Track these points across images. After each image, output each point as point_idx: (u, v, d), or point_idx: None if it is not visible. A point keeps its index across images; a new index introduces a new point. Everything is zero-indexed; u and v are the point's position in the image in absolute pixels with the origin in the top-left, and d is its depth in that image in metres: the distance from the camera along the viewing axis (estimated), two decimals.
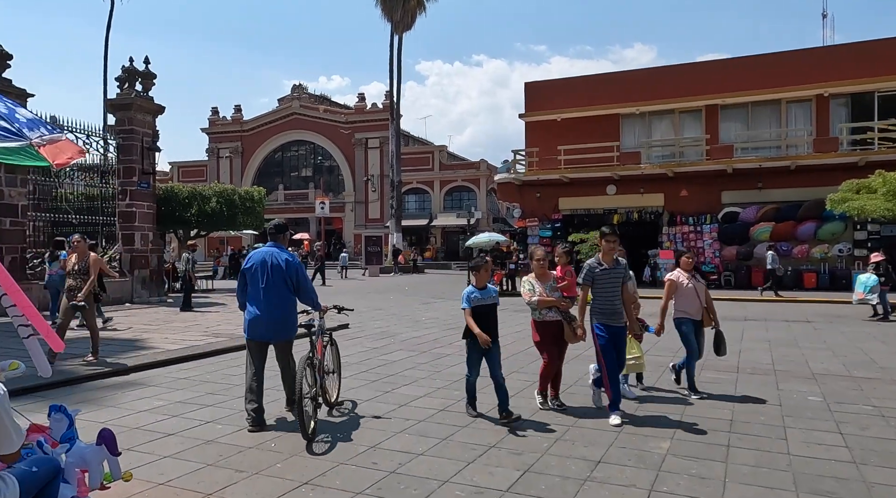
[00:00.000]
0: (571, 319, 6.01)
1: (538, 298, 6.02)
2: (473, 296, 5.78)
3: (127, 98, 16.90)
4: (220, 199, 22.65)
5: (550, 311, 6.05)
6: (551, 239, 25.91)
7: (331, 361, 6.33)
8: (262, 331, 5.64)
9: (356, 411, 6.21)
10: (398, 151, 41.27)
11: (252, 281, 5.64)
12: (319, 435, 5.29)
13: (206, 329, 11.44)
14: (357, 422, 5.80)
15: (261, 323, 5.60)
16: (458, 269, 43.50)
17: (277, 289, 5.57)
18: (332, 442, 5.17)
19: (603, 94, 25.72)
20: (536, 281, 6.14)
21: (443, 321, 13.67)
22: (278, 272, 5.57)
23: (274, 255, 5.64)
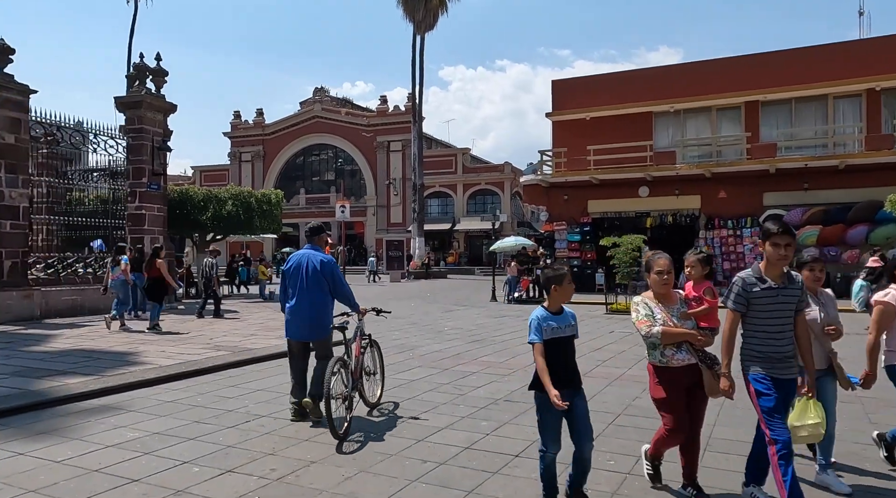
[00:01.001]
0: (713, 362, 3.89)
1: (661, 330, 3.82)
2: (547, 324, 3.85)
3: (136, 95, 16.18)
4: (237, 202, 21.93)
5: (680, 350, 3.87)
6: (580, 243, 24.75)
7: (371, 363, 6.39)
8: (298, 330, 5.88)
9: (396, 412, 6.25)
10: (420, 154, 40.35)
11: (290, 282, 5.85)
12: (353, 434, 5.41)
13: (210, 341, 10.52)
14: (394, 423, 5.87)
15: (297, 323, 5.84)
16: (482, 274, 42.39)
17: (313, 290, 5.76)
18: (363, 442, 5.25)
19: (634, 92, 24.45)
20: (656, 304, 3.96)
21: (466, 332, 12.60)
22: (314, 273, 5.76)
23: (310, 256, 5.83)
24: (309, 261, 5.81)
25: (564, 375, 3.80)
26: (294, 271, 5.85)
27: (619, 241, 17.48)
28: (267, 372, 8.20)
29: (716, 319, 4.07)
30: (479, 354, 9.76)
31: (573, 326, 3.97)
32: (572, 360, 3.91)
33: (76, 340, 10.38)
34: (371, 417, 6.09)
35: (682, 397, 3.91)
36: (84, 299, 14.69)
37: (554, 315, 3.89)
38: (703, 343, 3.91)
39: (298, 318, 5.80)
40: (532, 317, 3.90)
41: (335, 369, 5.36)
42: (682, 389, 3.90)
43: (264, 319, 14.20)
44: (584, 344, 10.88)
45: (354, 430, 5.53)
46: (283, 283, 5.99)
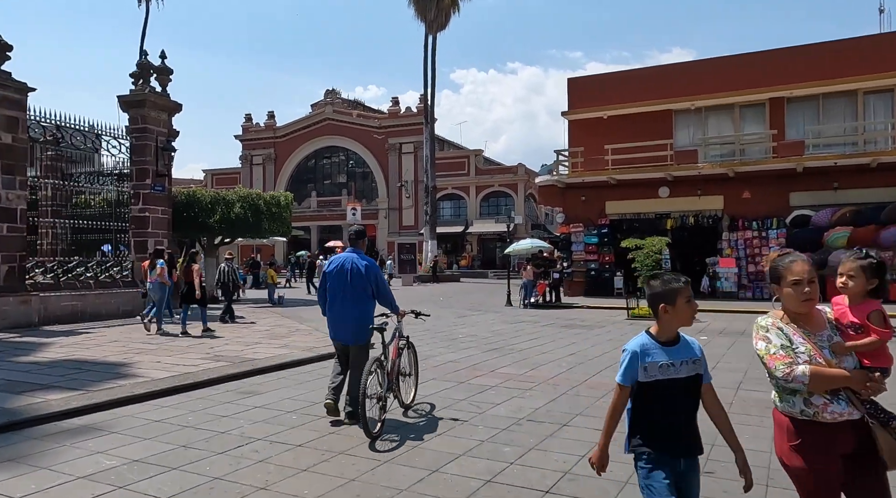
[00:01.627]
0: (890, 418, 2.59)
1: (811, 370, 2.50)
2: (651, 359, 2.75)
3: (139, 94, 15.67)
4: (245, 205, 21.40)
5: (836, 399, 2.55)
6: (597, 246, 23.98)
7: (407, 364, 6.42)
8: (341, 333, 5.93)
9: (433, 414, 6.27)
10: (433, 156, 39.74)
11: (333, 285, 5.89)
12: (387, 434, 5.45)
13: (211, 349, 9.92)
14: (434, 424, 5.92)
15: (340, 325, 5.89)
16: (496, 277, 41.65)
17: (356, 293, 5.82)
18: (399, 442, 5.27)
19: (653, 89, 23.67)
20: (794, 329, 2.66)
21: (482, 340, 11.91)
22: (358, 277, 5.80)
23: (353, 260, 5.87)
24: (353, 264, 5.87)
25: (672, 434, 2.68)
26: (337, 274, 5.88)
27: (641, 243, 16.72)
28: (268, 385, 7.57)
29: (888, 355, 2.71)
30: (496, 365, 9.07)
31: (698, 362, 2.79)
32: (691, 414, 2.76)
33: (70, 349, 9.82)
34: (407, 417, 6.18)
35: (837, 470, 2.55)
36: (85, 305, 14.17)
37: (664, 346, 2.79)
38: (874, 390, 2.56)
39: (341, 320, 5.86)
40: (628, 346, 2.85)
41: (372, 369, 5.45)
42: (837, 457, 2.55)
43: (270, 326, 13.60)
44: (607, 353, 10.16)
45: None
46: (324, 285, 5.99)
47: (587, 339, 12.27)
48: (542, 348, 10.82)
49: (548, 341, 11.82)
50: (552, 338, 12.38)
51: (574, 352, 10.43)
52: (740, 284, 21.45)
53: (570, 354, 10.21)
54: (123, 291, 15.14)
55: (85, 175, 16.97)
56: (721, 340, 11.96)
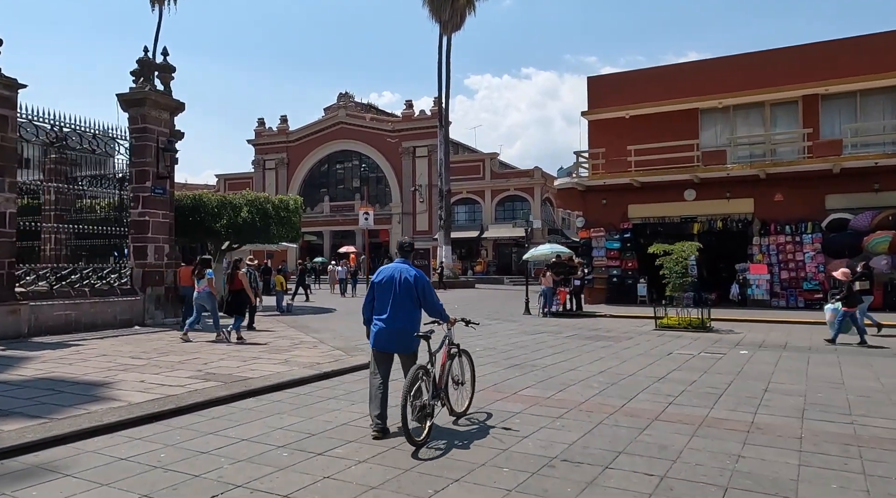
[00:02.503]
0: None
1: None
2: None
3: (139, 92, 14.90)
4: (252, 209, 20.61)
5: None
6: (619, 251, 22.93)
7: (460, 372, 6.42)
8: (387, 342, 5.89)
9: (486, 422, 6.21)
10: (447, 159, 38.85)
11: (381, 294, 5.93)
12: (433, 441, 5.43)
13: (204, 365, 9.03)
14: (486, 431, 5.88)
15: (386, 335, 5.86)
16: (512, 284, 40.61)
17: (404, 303, 5.86)
18: (444, 450, 5.23)
19: (678, 87, 22.62)
20: None
21: (501, 353, 10.92)
22: (406, 287, 5.87)
23: (403, 271, 5.94)
24: (401, 274, 5.92)
25: None
26: (386, 284, 5.93)
27: (670, 248, 15.65)
28: (260, 411, 6.65)
29: None
30: (519, 385, 8.08)
31: None
32: None
33: (51, 365, 8.98)
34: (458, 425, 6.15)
35: None
36: (80, 314, 13.38)
37: None
38: None
39: (388, 330, 5.85)
40: None
41: (418, 376, 5.51)
42: None
43: (273, 338, 12.71)
44: (641, 371, 9.13)
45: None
46: (371, 295, 6.01)
47: (616, 353, 11.24)
48: (569, 365, 9.81)
49: (573, 356, 10.80)
50: (577, 352, 11.36)
51: (603, 369, 9.41)
52: (773, 292, 20.27)
53: (599, 371, 9.20)
54: (121, 300, 14.34)
55: (89, 178, 16.22)
56: (764, 356, 10.88)
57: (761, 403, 7.06)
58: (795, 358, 10.64)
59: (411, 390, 5.38)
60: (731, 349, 11.80)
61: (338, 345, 11.38)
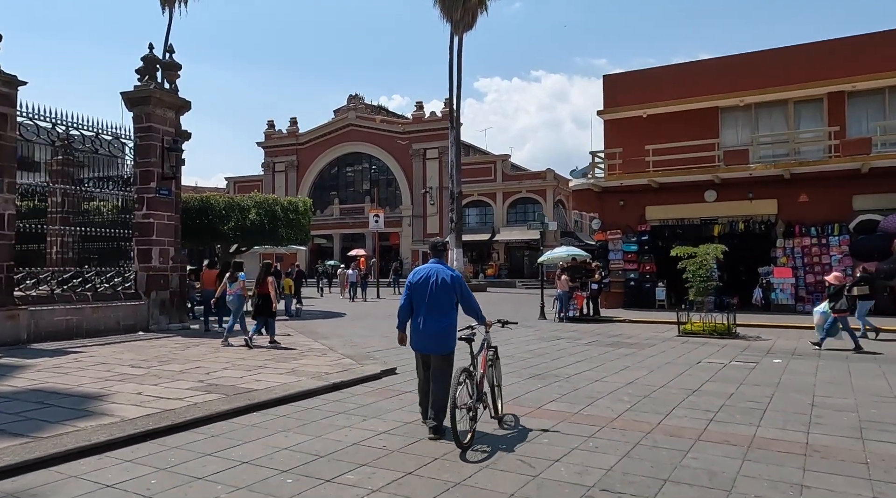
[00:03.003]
0: None
1: None
2: None
3: (144, 90, 14.46)
4: (261, 211, 20.17)
5: None
6: (637, 254, 22.28)
7: (493, 376, 6.30)
8: (425, 343, 5.89)
9: (523, 425, 6.18)
10: (458, 161, 38.23)
11: (418, 295, 5.91)
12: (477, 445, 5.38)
13: (207, 375, 8.51)
14: (525, 435, 5.82)
15: (425, 336, 5.86)
16: (524, 287, 39.97)
17: (442, 303, 5.85)
18: (490, 452, 5.22)
19: (698, 85, 21.97)
20: None
21: (519, 361, 10.34)
22: (444, 287, 5.86)
23: (439, 271, 5.95)
24: (437, 275, 5.93)
25: None
26: (423, 284, 5.92)
27: (694, 251, 15.00)
28: (263, 427, 6.11)
29: None
30: (543, 398, 7.50)
31: None
32: None
33: (45, 375, 8.49)
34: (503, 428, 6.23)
35: None
36: (82, 320, 12.93)
37: None
38: None
39: (427, 330, 5.86)
40: None
41: (461, 380, 5.46)
42: None
43: (284, 344, 12.18)
44: (672, 382, 8.52)
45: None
46: (408, 295, 5.98)
47: (641, 362, 10.62)
48: (593, 375, 9.21)
49: (597, 365, 10.21)
50: (600, 360, 10.76)
51: (631, 379, 8.80)
52: (797, 297, 19.55)
53: (627, 383, 8.59)
54: (125, 304, 13.89)
55: (95, 180, 15.79)
56: (800, 365, 10.23)
57: (812, 421, 6.43)
58: (834, 367, 9.98)
59: (457, 392, 5.35)
60: (763, 357, 11.15)
61: (348, 352, 10.84)
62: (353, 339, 13.74)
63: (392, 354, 11.21)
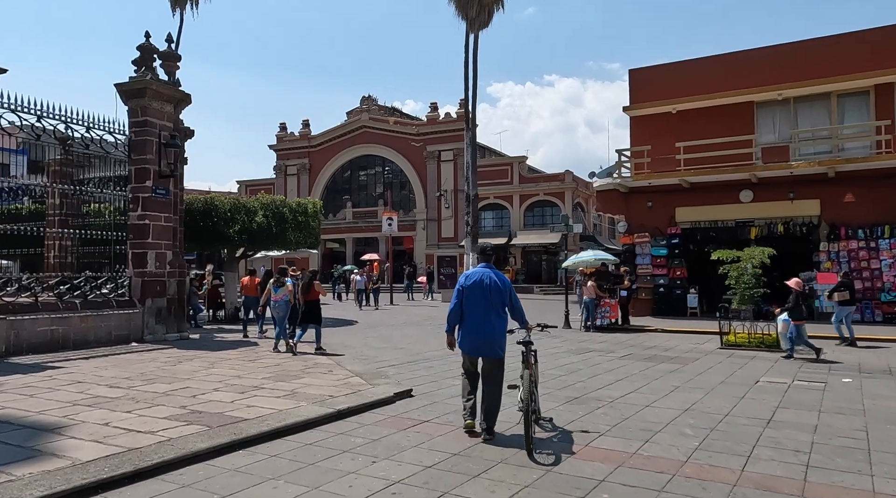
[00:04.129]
0: None
1: None
2: None
3: (139, 81, 13.39)
4: (268, 213, 19.09)
5: None
6: (667, 259, 20.90)
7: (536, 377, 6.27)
8: (479, 346, 5.94)
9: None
10: (474, 162, 36.99)
11: (471, 299, 5.93)
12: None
13: (193, 398, 7.33)
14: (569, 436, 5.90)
15: (477, 339, 5.91)
16: (542, 293, 38.61)
17: (495, 307, 5.91)
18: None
19: (731, 78, 20.61)
20: None
21: (552, 379, 9.05)
22: (496, 291, 5.92)
23: (491, 275, 5.99)
24: (490, 278, 5.95)
25: None
26: (476, 288, 5.94)
27: (739, 254, 13.66)
28: (248, 473, 4.90)
29: None
30: (588, 431, 6.22)
31: None
32: None
33: (8, 398, 7.36)
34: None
35: None
36: (69, 330, 11.84)
37: None
38: None
39: (481, 333, 5.90)
40: None
41: (530, 382, 5.62)
42: None
43: (283, 358, 11.01)
44: (736, 408, 7.15)
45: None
46: (460, 299, 5.98)
47: (690, 380, 9.32)
48: (641, 398, 7.93)
49: (640, 384, 8.92)
50: (643, 378, 9.46)
51: (687, 405, 7.50)
52: None
53: (684, 409, 7.30)
54: (117, 313, 12.79)
55: (96, 181, 14.76)
56: (876, 386, 8.87)
57: None
58: None
59: (531, 398, 5.51)
60: (828, 375, 9.80)
61: (357, 369, 9.63)
62: (363, 351, 12.55)
63: (407, 369, 10.00)
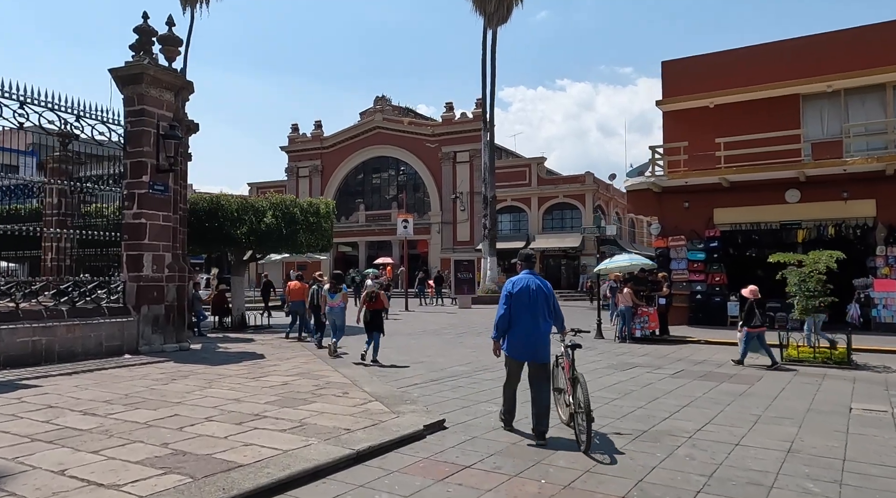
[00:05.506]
0: None
1: None
2: None
3: (136, 66, 12.15)
4: (277, 213, 17.83)
5: None
6: (705, 263, 19.39)
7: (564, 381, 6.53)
8: (529, 351, 6.07)
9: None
10: (492, 163, 35.68)
11: (519, 304, 6.04)
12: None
13: (180, 431, 6.01)
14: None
15: (528, 344, 6.05)
16: (562, 299, 37.11)
17: (543, 312, 6.08)
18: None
19: (775, 69, 19.13)
20: None
21: (603, 403, 7.64)
22: (542, 297, 6.07)
23: (536, 281, 6.14)
24: (536, 284, 6.09)
25: None
26: (524, 293, 6.04)
27: (801, 258, 12.21)
28: None
29: None
30: (677, 486, 4.81)
31: None
32: None
33: None
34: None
35: None
36: (53, 341, 10.58)
37: None
38: None
39: (532, 338, 6.03)
40: None
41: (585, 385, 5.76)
42: None
43: (291, 375, 9.65)
44: (855, 452, 5.62)
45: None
46: (508, 305, 6.06)
47: (770, 408, 7.85)
48: (723, 432, 6.50)
49: (711, 411, 7.49)
50: (712, 403, 8.03)
51: (786, 444, 6.06)
52: None
53: (785, 449, 5.87)
54: (109, 322, 11.53)
55: (96, 178, 13.57)
56: None
57: None
58: None
59: (589, 398, 5.61)
60: None
61: (376, 390, 8.27)
62: (381, 364, 11.21)
63: (433, 390, 8.64)
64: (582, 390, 5.65)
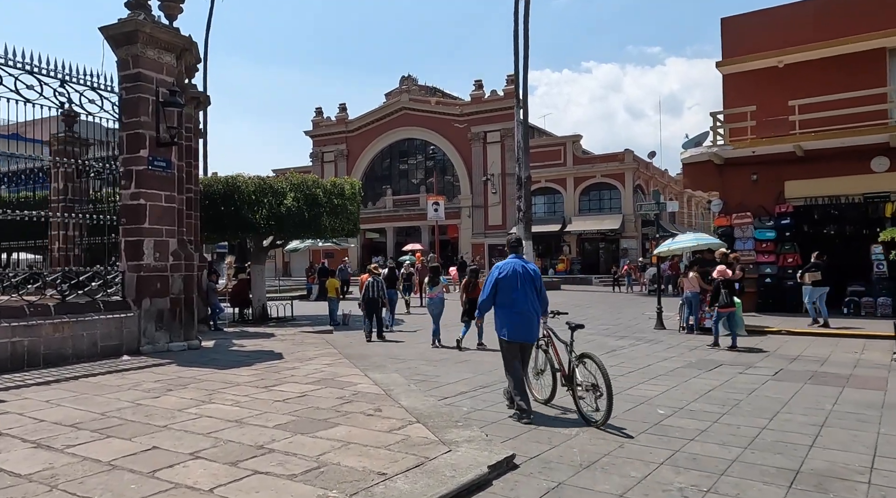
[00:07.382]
0: None
1: None
2: None
3: (129, 23, 10.48)
4: (299, 195, 16.17)
5: None
6: (775, 243, 17.24)
7: (543, 362, 6.90)
8: (526, 332, 6.30)
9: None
10: (526, 142, 33.54)
11: (507, 288, 6.27)
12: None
13: (146, 481, 4.34)
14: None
15: (527, 325, 6.28)
16: (601, 284, 35.05)
17: (531, 294, 6.29)
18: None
19: (855, 21, 16.82)
20: None
21: (706, 420, 5.79)
22: (529, 280, 6.31)
23: (524, 265, 6.40)
24: (523, 268, 6.34)
25: None
26: (512, 277, 6.26)
27: None
28: None
29: None
30: None
31: None
32: None
33: None
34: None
35: None
36: (38, 342, 9.06)
37: None
38: None
39: (528, 320, 6.26)
40: None
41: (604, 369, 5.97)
42: None
43: (313, 381, 7.96)
44: None
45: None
46: (495, 288, 6.30)
47: None
48: None
49: (865, 434, 5.61)
50: (858, 421, 6.12)
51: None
52: None
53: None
54: (104, 318, 9.99)
55: (104, 160, 12.09)
56: None
57: None
58: None
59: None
60: None
61: (415, 404, 6.53)
62: (418, 365, 9.52)
63: (485, 402, 6.88)
64: (600, 370, 5.80)
